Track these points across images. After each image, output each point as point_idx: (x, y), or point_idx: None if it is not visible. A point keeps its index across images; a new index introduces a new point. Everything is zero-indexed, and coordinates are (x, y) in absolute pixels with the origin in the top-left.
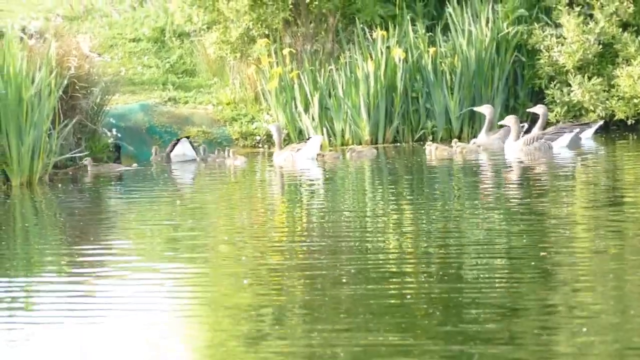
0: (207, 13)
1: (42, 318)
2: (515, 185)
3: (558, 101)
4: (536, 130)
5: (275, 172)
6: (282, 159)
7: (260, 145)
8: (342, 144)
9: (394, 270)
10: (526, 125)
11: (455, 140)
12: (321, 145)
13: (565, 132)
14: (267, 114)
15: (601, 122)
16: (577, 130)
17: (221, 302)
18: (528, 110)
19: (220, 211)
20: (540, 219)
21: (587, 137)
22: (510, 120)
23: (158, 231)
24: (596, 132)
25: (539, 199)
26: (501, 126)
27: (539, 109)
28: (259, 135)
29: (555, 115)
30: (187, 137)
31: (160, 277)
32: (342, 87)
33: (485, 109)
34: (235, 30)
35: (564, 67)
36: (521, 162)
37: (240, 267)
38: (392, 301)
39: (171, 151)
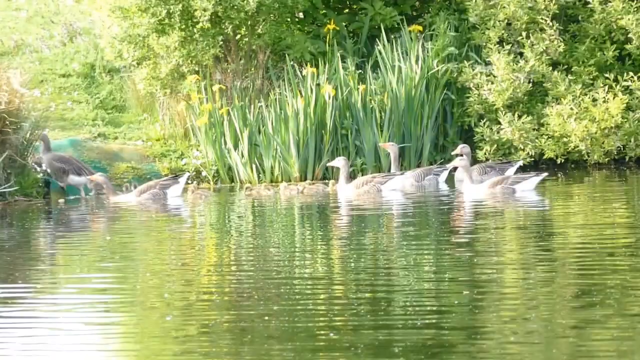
0: (137, 49)
1: None
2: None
3: (487, 139)
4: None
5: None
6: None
7: (189, 182)
8: (272, 181)
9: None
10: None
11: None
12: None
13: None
14: (197, 150)
15: (520, 162)
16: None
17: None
18: (453, 152)
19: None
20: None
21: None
22: (339, 161)
23: (85, 263)
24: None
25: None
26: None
27: (462, 149)
28: (189, 172)
29: (485, 154)
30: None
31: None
32: (272, 124)
33: (390, 147)
34: (165, 67)
35: (494, 105)
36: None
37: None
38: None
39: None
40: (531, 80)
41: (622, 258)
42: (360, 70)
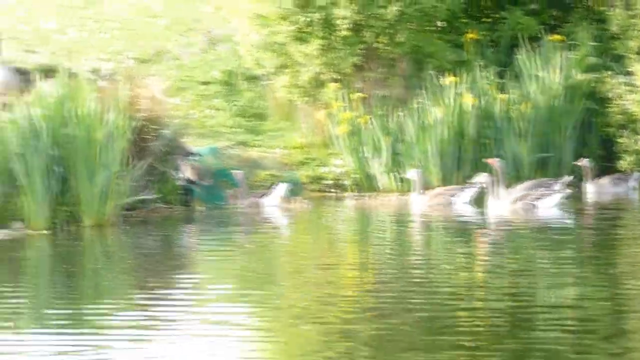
0: (277, 57)
1: None
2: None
3: (629, 149)
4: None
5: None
6: (247, 203)
7: (329, 190)
8: (409, 190)
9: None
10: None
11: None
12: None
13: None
14: (339, 158)
15: (638, 174)
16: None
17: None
18: (574, 162)
19: None
20: None
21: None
22: (413, 174)
23: (225, 274)
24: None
25: None
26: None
27: (582, 162)
28: (329, 180)
29: (627, 164)
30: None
31: (225, 322)
32: (412, 133)
33: (495, 163)
34: (305, 74)
35: (635, 115)
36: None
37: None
38: None
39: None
40: None
41: None
42: (500, 80)
